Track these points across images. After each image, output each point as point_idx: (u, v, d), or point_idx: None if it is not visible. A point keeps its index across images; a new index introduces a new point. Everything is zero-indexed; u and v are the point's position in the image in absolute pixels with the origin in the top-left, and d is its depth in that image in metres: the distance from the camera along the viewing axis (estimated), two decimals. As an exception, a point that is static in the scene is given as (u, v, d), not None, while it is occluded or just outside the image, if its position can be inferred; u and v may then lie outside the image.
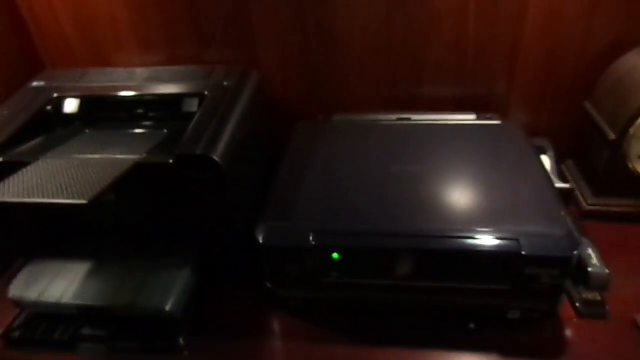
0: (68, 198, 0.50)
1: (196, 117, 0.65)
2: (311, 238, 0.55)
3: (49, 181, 0.54)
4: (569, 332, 0.60)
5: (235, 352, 0.61)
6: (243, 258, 0.64)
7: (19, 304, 0.63)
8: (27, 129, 0.68)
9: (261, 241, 0.57)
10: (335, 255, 0.56)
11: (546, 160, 0.76)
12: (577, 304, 0.62)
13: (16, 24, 0.88)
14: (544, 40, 0.78)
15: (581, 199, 0.77)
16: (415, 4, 0.77)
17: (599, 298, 0.62)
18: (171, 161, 0.58)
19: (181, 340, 0.61)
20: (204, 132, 0.61)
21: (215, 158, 0.57)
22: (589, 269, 0.59)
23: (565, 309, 0.62)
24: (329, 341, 0.61)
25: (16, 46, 0.88)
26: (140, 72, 0.79)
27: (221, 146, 0.60)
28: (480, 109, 0.80)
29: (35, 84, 0.78)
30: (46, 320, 0.64)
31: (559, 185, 0.68)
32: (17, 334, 0.63)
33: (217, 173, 0.58)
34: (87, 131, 0.73)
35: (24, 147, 0.66)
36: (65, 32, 0.89)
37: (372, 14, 0.79)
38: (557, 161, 0.80)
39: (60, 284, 0.63)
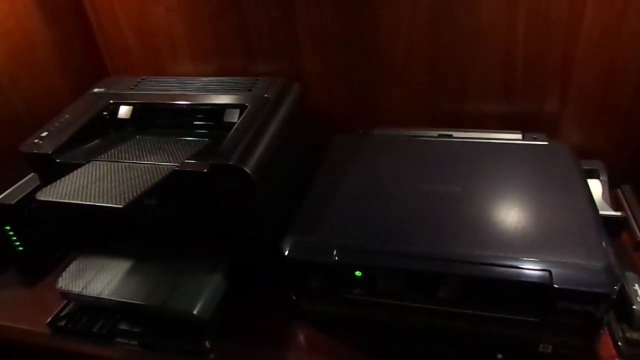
0: (106, 201, 0.54)
1: (234, 127, 0.67)
2: (335, 254, 0.56)
3: (93, 184, 0.59)
4: (608, 373, 0.56)
5: (257, 360, 0.62)
6: (272, 268, 0.64)
7: (65, 295, 0.68)
8: (84, 132, 0.73)
9: (286, 253, 0.57)
10: (358, 273, 0.56)
11: (597, 185, 0.71)
12: (620, 343, 0.57)
13: (84, 34, 0.95)
14: (600, 56, 0.73)
15: (636, 228, 0.71)
16: (460, 17, 0.75)
17: (645, 338, 0.57)
18: (205, 170, 0.60)
19: (207, 344, 0.63)
20: (240, 142, 0.63)
21: (247, 169, 0.59)
22: (634, 307, 0.55)
23: (607, 347, 0.58)
24: (349, 358, 0.60)
25: (83, 54, 0.95)
26: (190, 82, 0.83)
27: (254, 157, 0.61)
28: (528, 128, 0.77)
29: (96, 89, 0.84)
30: (88, 312, 0.68)
31: (606, 212, 0.63)
32: (62, 323, 0.68)
33: (248, 184, 0.59)
34: (137, 136, 0.77)
35: (81, 149, 0.71)
36: (127, 42, 0.95)
37: (416, 28, 0.78)
38: (612, 186, 0.74)
39: (102, 280, 0.67)
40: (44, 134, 0.71)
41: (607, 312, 0.50)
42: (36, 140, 0.70)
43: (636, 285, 0.57)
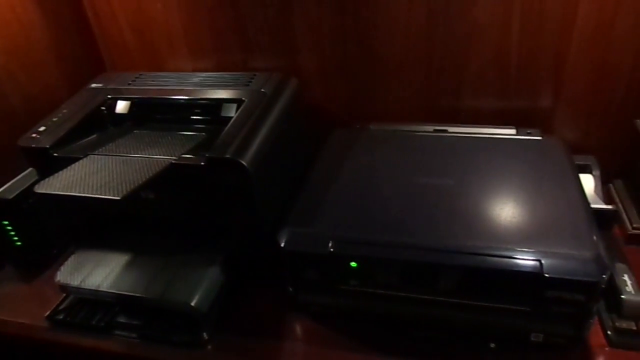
0: (103, 193, 0.54)
1: (231, 121, 0.68)
2: (330, 245, 0.56)
3: (91, 176, 0.59)
4: (598, 362, 0.57)
5: (255, 351, 0.63)
6: (269, 260, 0.65)
7: (64, 288, 0.69)
8: (82, 127, 0.74)
9: (282, 245, 0.58)
10: (354, 264, 0.57)
11: (589, 180, 0.72)
12: (609, 332, 0.58)
13: (82, 29, 0.95)
14: (593, 53, 0.74)
15: (627, 221, 0.72)
16: (456, 16, 0.76)
17: (634, 327, 0.58)
18: (202, 163, 0.61)
19: (205, 335, 0.64)
20: (236, 136, 0.64)
21: (243, 162, 0.59)
22: (622, 296, 0.56)
23: (597, 336, 0.59)
24: (346, 348, 0.61)
25: (81, 49, 0.96)
26: (187, 77, 0.83)
27: (251, 151, 0.62)
28: (522, 124, 0.78)
29: (93, 85, 0.84)
30: (87, 305, 0.69)
31: (598, 206, 0.65)
32: (60, 316, 0.68)
33: (245, 176, 0.60)
34: (135, 131, 0.78)
35: (79, 144, 0.72)
36: (125, 37, 0.96)
37: (413, 25, 0.79)
38: (604, 181, 0.75)
39: (101, 273, 0.68)
40: (42, 128, 0.72)
41: (596, 301, 0.51)
42: (34, 135, 0.70)
43: (625, 275, 0.58)
